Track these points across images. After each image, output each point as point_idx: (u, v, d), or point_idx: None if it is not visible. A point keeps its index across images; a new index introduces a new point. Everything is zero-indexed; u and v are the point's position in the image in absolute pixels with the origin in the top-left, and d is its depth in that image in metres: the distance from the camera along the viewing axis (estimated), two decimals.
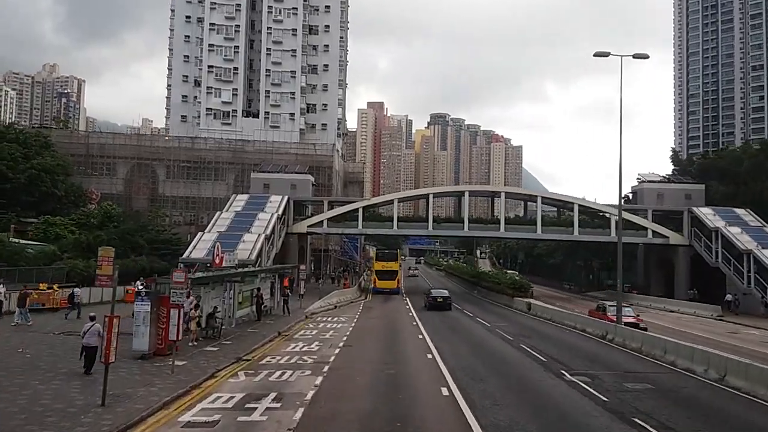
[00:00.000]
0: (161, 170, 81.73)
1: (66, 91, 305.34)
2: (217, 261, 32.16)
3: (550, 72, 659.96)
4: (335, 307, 45.90)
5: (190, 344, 23.23)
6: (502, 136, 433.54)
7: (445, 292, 48.84)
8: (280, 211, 58.55)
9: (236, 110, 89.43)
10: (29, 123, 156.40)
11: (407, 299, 55.70)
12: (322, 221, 62.22)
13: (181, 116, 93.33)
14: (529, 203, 68.88)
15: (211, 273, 30.33)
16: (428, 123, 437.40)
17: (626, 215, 51.86)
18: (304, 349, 25.00)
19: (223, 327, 27.43)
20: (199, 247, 48.89)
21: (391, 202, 65.57)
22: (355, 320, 37.60)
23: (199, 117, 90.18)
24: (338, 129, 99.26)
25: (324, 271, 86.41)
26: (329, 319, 37.73)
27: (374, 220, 63.41)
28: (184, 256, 47.64)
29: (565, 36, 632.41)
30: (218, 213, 57.24)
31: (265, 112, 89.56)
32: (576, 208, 60.63)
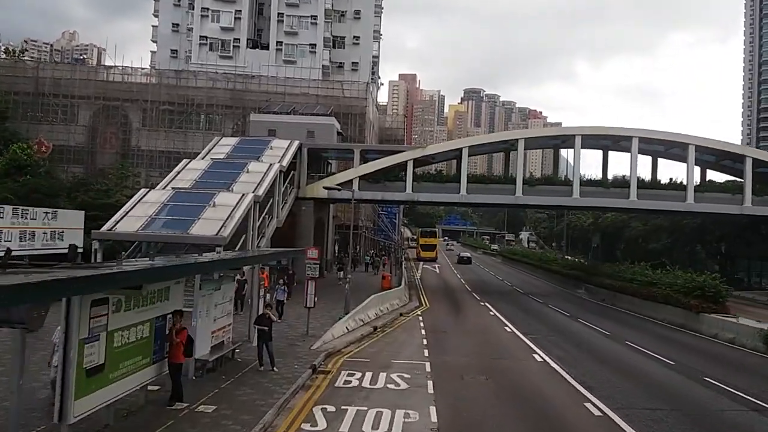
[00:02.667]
0: (135, 115, 60.70)
1: (81, 57, 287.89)
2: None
3: (584, 51, 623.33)
4: (375, 330, 24.23)
5: None
6: (540, 113, 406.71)
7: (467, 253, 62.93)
8: (286, 162, 36.97)
9: (239, 40, 67.72)
10: None
11: (495, 311, 33.84)
12: (350, 180, 40.51)
13: (171, 51, 71.79)
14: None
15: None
16: (462, 98, 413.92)
17: None
18: None
19: None
20: (135, 214, 27.71)
21: (456, 153, 43.49)
22: (431, 381, 15.87)
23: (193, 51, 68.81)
24: (373, 72, 77.21)
25: (354, 254, 64.93)
26: (374, 386, 15.66)
27: (428, 181, 41.36)
28: (104, 228, 26.51)
29: (603, 14, 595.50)
30: (184, 162, 35.79)
31: (278, 42, 67.72)
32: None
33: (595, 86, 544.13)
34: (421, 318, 28.48)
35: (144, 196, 30.02)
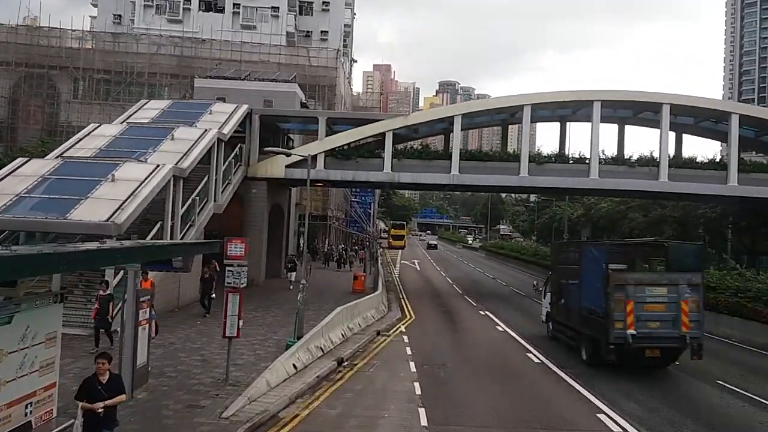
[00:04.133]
0: (65, 85, 51.60)
1: None
2: None
3: (553, 44, 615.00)
4: (341, 364, 15.89)
5: None
6: None
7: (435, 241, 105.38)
8: (228, 130, 28.42)
9: (189, 1, 58.68)
10: None
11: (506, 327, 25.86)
12: (315, 156, 32.12)
13: (114, 16, 62.35)
14: None
15: None
16: (437, 91, 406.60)
17: None
18: None
19: None
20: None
21: (445, 124, 35.41)
22: None
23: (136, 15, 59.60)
24: (345, 45, 68.79)
25: (327, 248, 56.49)
26: None
27: (412, 157, 33.07)
28: None
29: (574, 9, 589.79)
30: (92, 126, 26.97)
31: (234, 4, 58.87)
32: None
33: (565, 80, 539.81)
34: (406, 338, 20.28)
35: (19, 167, 21.31)
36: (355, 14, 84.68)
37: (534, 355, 18.25)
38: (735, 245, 51.69)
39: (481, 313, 27.58)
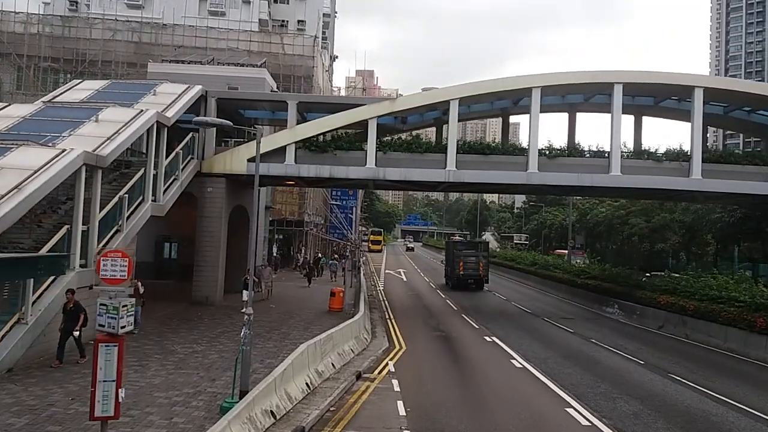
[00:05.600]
0: (7, 75, 46.31)
1: None
2: None
3: (535, 53, 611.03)
4: None
5: None
6: None
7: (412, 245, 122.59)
8: (173, 113, 22.93)
9: None
10: None
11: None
12: (283, 148, 26.73)
13: (69, 2, 56.40)
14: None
15: None
16: None
17: None
18: None
19: None
20: None
21: (439, 112, 30.29)
22: None
23: None
24: (324, 37, 63.61)
25: (302, 259, 50.84)
26: None
27: (400, 150, 27.71)
28: None
29: (554, 18, 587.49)
30: None
31: None
32: None
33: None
34: (396, 384, 14.88)
35: None
36: (336, 13, 79.63)
37: (579, 413, 12.94)
38: (746, 252, 46.87)
39: (488, 339, 22.22)
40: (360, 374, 15.38)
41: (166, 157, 22.93)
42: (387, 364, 17.15)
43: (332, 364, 15.28)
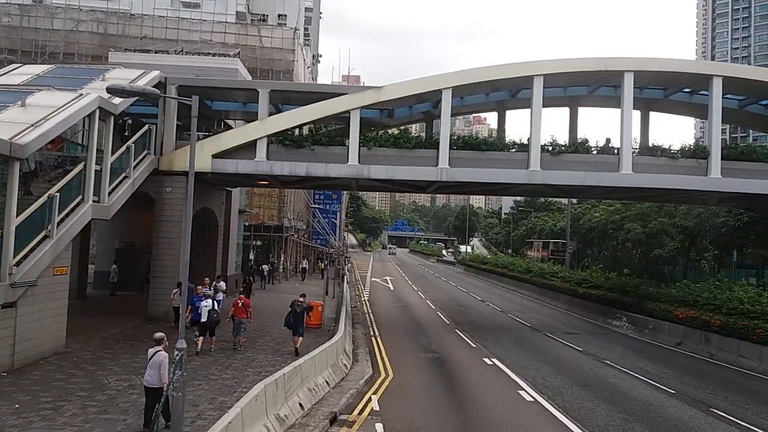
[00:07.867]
0: None
1: None
2: None
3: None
4: None
5: None
6: (485, 119, 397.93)
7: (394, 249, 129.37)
8: (120, 100, 19.66)
9: None
10: None
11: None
12: (254, 142, 23.60)
13: None
14: None
15: None
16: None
17: None
18: None
19: None
20: None
21: (429, 104, 27.36)
22: None
23: None
24: (307, 30, 60.62)
25: (273, 266, 47.37)
26: None
27: (386, 145, 24.64)
28: None
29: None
30: None
31: None
32: None
33: None
34: (380, 429, 11.79)
35: None
36: (321, 13, 76.75)
37: None
38: (751, 257, 44.24)
39: (488, 362, 19.15)
40: (335, 416, 12.23)
41: (116, 151, 19.74)
42: (370, 399, 14.01)
43: (300, 405, 12.11)
